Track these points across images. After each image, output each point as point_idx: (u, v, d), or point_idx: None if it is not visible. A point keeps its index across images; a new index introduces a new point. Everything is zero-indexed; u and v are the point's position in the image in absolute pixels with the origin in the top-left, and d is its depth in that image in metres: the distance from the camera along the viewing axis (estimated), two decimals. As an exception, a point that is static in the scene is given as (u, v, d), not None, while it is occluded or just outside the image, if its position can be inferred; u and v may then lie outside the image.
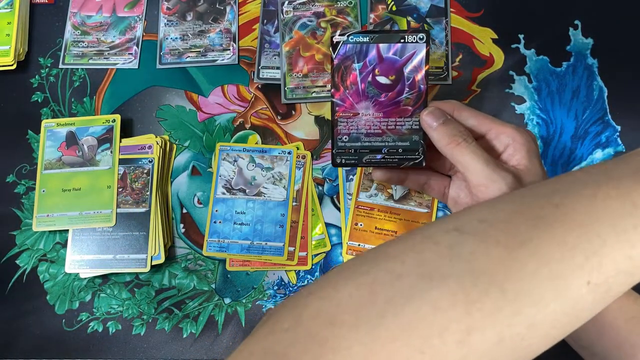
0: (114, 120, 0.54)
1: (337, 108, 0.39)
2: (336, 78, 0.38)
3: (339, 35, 0.38)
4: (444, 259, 0.24)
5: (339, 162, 0.40)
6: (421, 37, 0.37)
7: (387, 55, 0.37)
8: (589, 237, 0.23)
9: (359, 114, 0.39)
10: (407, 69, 0.38)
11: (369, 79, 0.38)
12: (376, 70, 0.38)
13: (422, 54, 0.37)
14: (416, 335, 0.22)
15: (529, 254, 0.23)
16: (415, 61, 0.37)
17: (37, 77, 0.58)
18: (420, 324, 0.22)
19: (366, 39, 0.37)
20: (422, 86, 0.38)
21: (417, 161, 0.39)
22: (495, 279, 0.23)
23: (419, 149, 0.39)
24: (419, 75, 0.38)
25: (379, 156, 0.39)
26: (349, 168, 0.53)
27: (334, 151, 0.40)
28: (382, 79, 0.38)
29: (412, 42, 0.37)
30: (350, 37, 0.37)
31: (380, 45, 0.37)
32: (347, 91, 0.38)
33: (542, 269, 0.23)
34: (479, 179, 0.34)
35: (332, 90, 0.38)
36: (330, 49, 0.38)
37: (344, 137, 0.39)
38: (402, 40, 0.37)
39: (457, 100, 0.39)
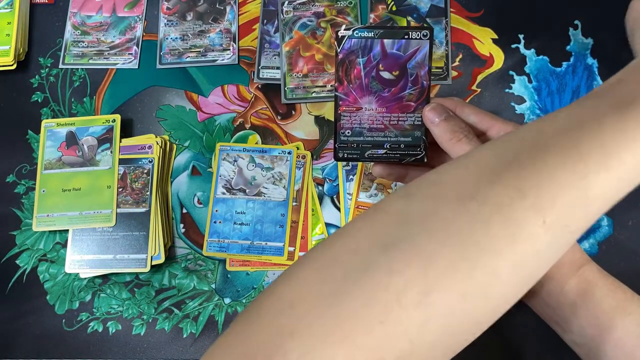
0: (114, 120, 0.54)
1: (340, 102, 0.39)
2: (340, 72, 0.38)
3: (344, 29, 0.38)
4: (395, 225, 0.24)
5: (341, 156, 0.40)
6: (425, 33, 0.38)
7: (391, 51, 0.38)
8: (537, 178, 0.23)
9: (362, 108, 0.39)
10: (411, 65, 0.38)
11: (373, 74, 0.38)
12: (380, 66, 0.38)
13: (426, 50, 0.38)
14: (373, 304, 0.22)
15: (479, 204, 0.23)
16: (418, 57, 0.38)
17: (37, 77, 0.58)
18: (377, 292, 0.22)
19: (371, 34, 0.38)
20: (424, 82, 0.39)
21: (418, 157, 0.40)
22: (447, 234, 0.22)
23: (421, 144, 0.39)
24: (422, 72, 0.38)
25: (381, 151, 0.39)
26: (349, 164, 0.53)
27: (336, 145, 0.40)
28: (386, 74, 0.38)
29: (415, 38, 0.38)
30: (355, 31, 0.38)
31: (385, 40, 0.38)
32: (351, 85, 0.38)
33: (494, 216, 0.22)
34: None
35: (336, 84, 0.39)
36: (335, 43, 0.38)
37: (347, 131, 0.39)
38: (406, 37, 0.38)
39: (459, 98, 0.39)
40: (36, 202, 0.52)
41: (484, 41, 0.57)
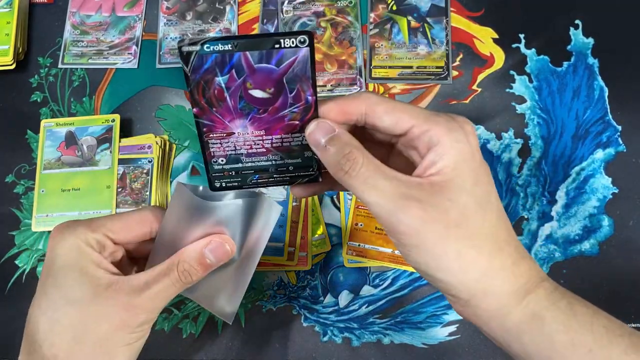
0: (113, 120, 0.54)
1: (204, 129, 0.32)
2: (196, 95, 0.31)
3: (189, 44, 0.29)
4: None
5: (218, 186, 0.35)
6: (302, 40, 0.30)
7: (260, 65, 0.31)
8: None
9: (234, 133, 0.33)
10: (288, 79, 0.31)
11: (240, 93, 0.31)
12: (248, 83, 0.31)
13: (306, 59, 0.31)
14: None
15: None
16: (297, 69, 0.31)
17: (36, 76, 0.58)
18: None
19: (228, 47, 0.30)
20: (309, 97, 0.32)
21: (312, 177, 0.34)
22: None
23: (313, 164, 0.34)
24: (305, 85, 0.32)
25: (266, 176, 0.34)
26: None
27: (210, 175, 0.34)
28: (258, 93, 0.32)
29: (289, 47, 0.30)
30: (206, 45, 0.30)
31: (248, 53, 0.30)
32: (215, 109, 0.32)
33: None
34: (378, 215, 0.28)
35: (194, 109, 0.32)
36: (181, 61, 0.30)
37: (220, 159, 0.34)
38: (276, 46, 0.30)
39: (371, 92, 0.32)
40: (35, 202, 0.52)
41: (485, 41, 0.57)
